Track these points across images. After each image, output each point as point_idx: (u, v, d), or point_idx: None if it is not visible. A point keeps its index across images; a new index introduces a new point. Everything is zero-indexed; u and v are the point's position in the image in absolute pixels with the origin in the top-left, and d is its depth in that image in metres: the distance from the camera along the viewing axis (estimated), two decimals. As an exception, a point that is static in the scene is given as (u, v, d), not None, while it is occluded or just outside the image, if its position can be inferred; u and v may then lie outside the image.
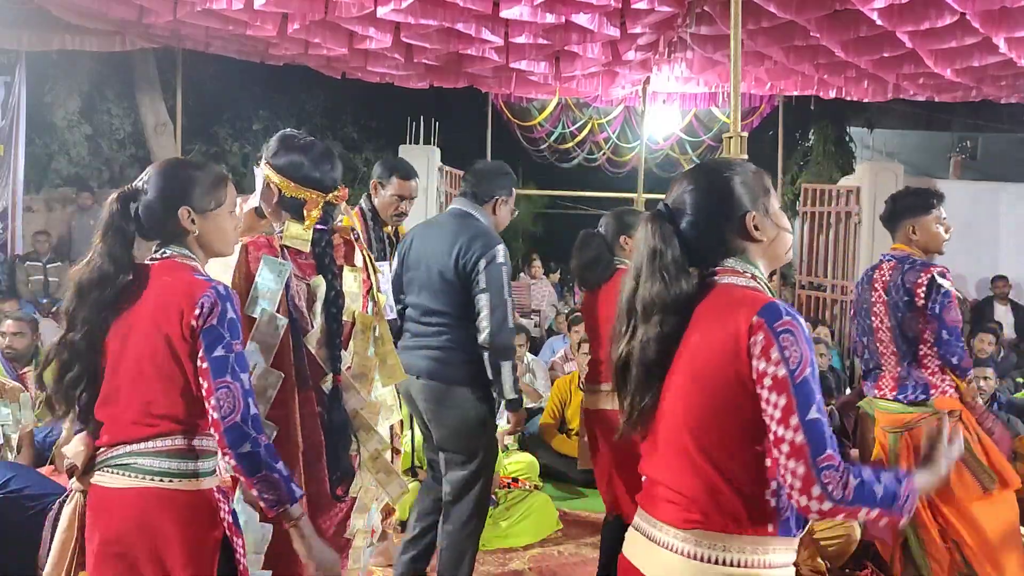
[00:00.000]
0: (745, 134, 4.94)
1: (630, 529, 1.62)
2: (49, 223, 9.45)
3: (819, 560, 3.74)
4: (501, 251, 3.17)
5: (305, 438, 2.27)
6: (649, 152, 11.10)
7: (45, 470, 4.26)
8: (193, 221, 1.95)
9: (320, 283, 2.32)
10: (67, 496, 2.01)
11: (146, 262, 1.96)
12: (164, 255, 1.96)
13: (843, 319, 8.59)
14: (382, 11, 6.42)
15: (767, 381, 1.41)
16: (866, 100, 9.54)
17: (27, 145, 9.02)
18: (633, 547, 1.59)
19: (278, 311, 2.25)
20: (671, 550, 1.50)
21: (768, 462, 1.45)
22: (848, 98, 9.36)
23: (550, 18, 6.75)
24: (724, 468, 1.47)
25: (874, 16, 6.23)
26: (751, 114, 10.30)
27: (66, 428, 3.50)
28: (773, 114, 10.77)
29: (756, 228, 1.58)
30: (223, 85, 11.11)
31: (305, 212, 2.31)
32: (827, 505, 1.36)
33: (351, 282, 2.37)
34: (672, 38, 7.63)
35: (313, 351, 2.31)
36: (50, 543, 2.13)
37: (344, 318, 2.35)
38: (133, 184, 2.00)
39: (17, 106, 8.72)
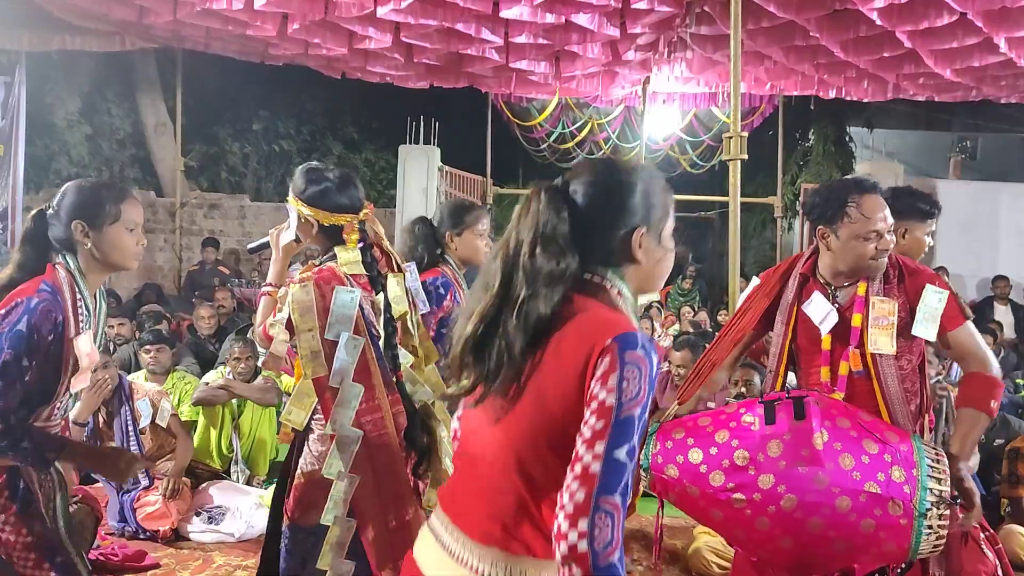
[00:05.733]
0: (745, 134, 4.93)
1: (423, 528, 1.54)
2: (49, 223, 9.44)
3: None
4: None
5: (398, 431, 2.58)
6: (649, 152, 11.11)
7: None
8: (87, 235, 2.17)
9: (381, 299, 2.59)
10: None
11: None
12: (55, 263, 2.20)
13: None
14: (382, 11, 6.43)
15: (594, 404, 1.32)
16: (866, 100, 9.54)
17: (27, 145, 9.00)
18: (423, 548, 1.51)
19: (356, 332, 2.50)
20: (460, 562, 1.42)
21: None
22: (848, 98, 9.37)
23: (550, 18, 6.76)
24: (538, 487, 1.39)
25: (874, 16, 6.24)
26: (751, 114, 10.31)
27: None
28: (773, 114, 10.78)
29: (640, 246, 1.46)
30: (223, 85, 11.10)
31: (345, 236, 2.55)
32: (583, 546, 1.23)
33: (395, 287, 2.64)
34: (672, 38, 7.64)
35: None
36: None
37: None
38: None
39: (17, 106, 8.71)
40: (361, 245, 2.57)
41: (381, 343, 2.59)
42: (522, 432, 1.41)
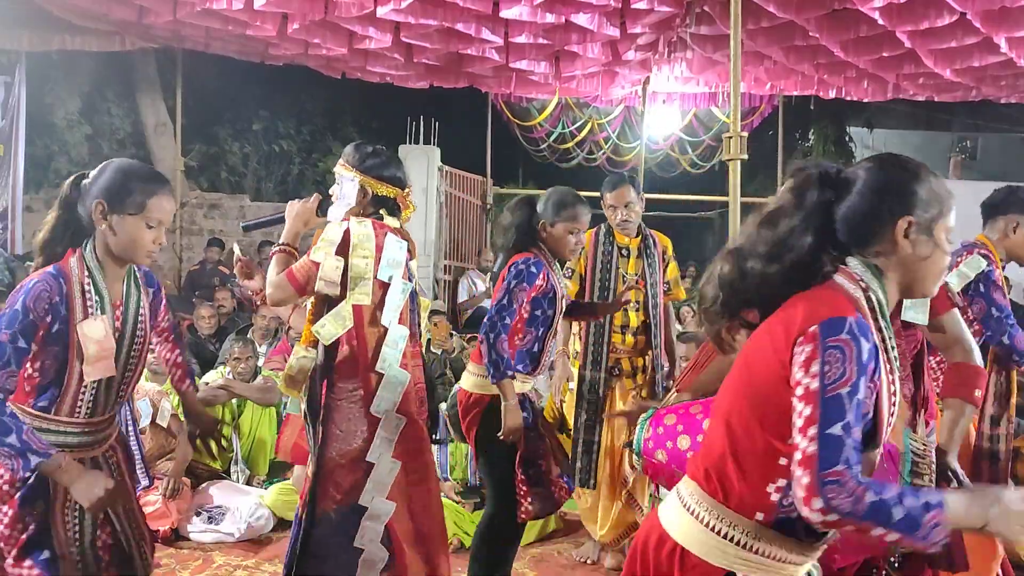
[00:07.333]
0: (745, 134, 4.93)
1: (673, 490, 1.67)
2: (49, 223, 9.45)
3: None
4: None
5: (417, 382, 2.78)
6: (649, 152, 11.10)
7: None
8: (105, 217, 2.13)
9: (413, 265, 2.83)
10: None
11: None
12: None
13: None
14: (382, 11, 6.42)
15: (799, 391, 1.40)
16: (866, 100, 9.54)
17: (27, 145, 9.00)
18: (665, 503, 1.64)
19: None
20: (678, 496, 1.57)
21: (782, 460, 1.44)
22: (848, 98, 9.36)
23: (550, 18, 6.76)
24: (739, 446, 1.49)
25: (874, 16, 6.23)
26: (751, 114, 10.30)
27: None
28: (773, 114, 10.77)
29: (905, 236, 1.48)
30: (223, 85, 11.09)
31: (400, 202, 2.82)
32: (832, 517, 1.34)
33: (412, 267, 2.90)
34: (672, 38, 7.64)
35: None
36: None
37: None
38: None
39: (17, 106, 8.71)
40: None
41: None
42: (732, 394, 1.54)
